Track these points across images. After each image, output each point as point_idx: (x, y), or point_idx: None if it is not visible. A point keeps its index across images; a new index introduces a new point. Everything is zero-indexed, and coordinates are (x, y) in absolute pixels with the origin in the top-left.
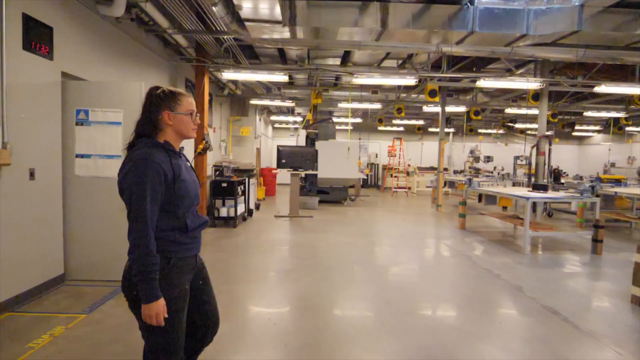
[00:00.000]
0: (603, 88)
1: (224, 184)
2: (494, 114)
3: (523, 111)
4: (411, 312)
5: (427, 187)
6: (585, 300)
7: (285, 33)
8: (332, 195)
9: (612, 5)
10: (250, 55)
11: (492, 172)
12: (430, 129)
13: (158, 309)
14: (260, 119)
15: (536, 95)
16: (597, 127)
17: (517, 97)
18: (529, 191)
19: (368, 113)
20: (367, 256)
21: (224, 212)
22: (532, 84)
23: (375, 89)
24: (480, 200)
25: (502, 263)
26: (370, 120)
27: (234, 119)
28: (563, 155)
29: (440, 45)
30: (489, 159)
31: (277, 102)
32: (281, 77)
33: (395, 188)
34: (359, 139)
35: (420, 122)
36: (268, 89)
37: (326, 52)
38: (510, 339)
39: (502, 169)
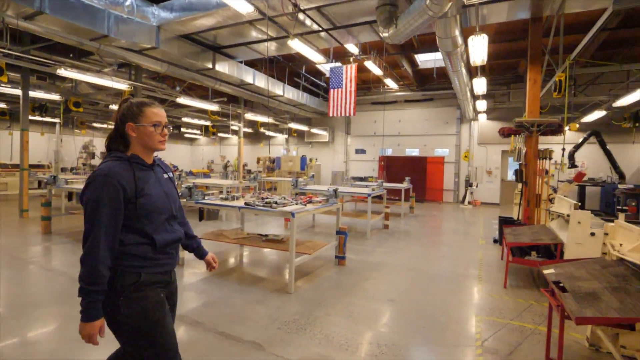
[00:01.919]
0: (182, 100)
1: None
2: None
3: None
4: None
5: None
6: None
7: None
8: None
9: (182, 35)
10: None
11: None
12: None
13: (93, 330)
14: None
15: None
16: (199, 131)
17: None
18: None
19: None
20: None
21: None
22: (120, 85)
23: None
24: (70, 199)
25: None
26: None
27: None
28: (179, 154)
29: (5, 15)
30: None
31: None
32: None
33: None
34: None
35: (2, 105)
36: None
37: None
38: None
39: None
